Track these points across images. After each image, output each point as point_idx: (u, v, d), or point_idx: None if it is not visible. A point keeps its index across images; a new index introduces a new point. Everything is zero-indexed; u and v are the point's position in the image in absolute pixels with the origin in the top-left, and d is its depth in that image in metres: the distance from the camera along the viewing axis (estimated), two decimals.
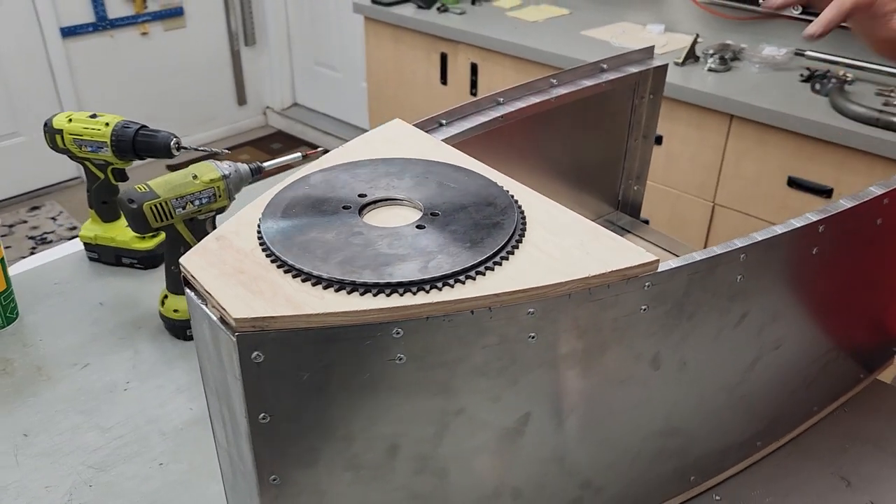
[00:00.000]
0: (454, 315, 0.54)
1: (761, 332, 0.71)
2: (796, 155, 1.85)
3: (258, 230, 0.61)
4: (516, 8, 2.75)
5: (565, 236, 0.61)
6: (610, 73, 1.05)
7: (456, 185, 0.67)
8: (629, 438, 0.69)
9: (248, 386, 0.54)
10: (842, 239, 0.71)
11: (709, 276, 0.62)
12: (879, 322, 0.88)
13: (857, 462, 0.82)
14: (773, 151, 1.89)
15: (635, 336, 0.62)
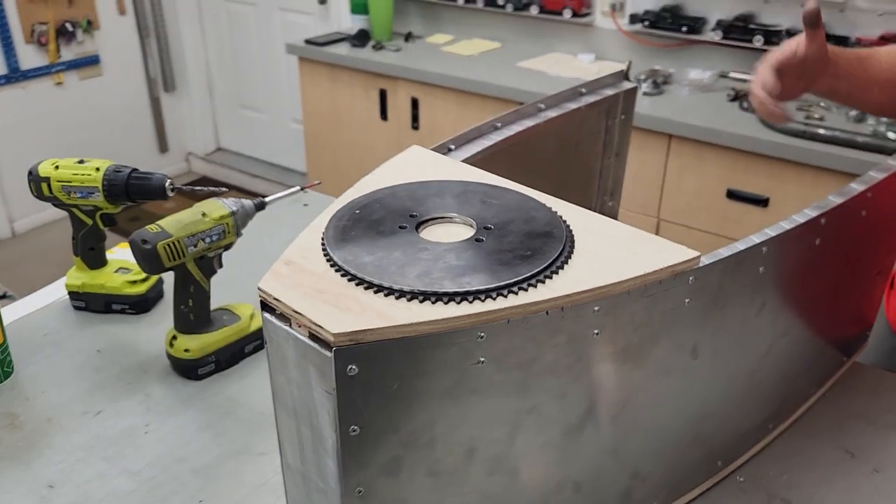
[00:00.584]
0: (531, 316, 0.58)
1: (775, 321, 0.78)
2: (733, 168, 1.98)
3: (325, 253, 0.64)
4: (449, 43, 2.84)
5: (612, 240, 0.66)
6: (588, 97, 1.12)
7: (497, 201, 0.72)
8: (671, 426, 0.74)
9: (342, 399, 0.56)
10: (837, 231, 0.79)
11: (738, 268, 0.69)
12: (858, 310, 0.97)
13: (854, 436, 0.90)
14: (710, 166, 2.02)
15: (679, 328, 0.67)
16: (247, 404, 0.96)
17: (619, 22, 2.57)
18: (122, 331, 1.11)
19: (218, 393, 0.98)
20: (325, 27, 3.37)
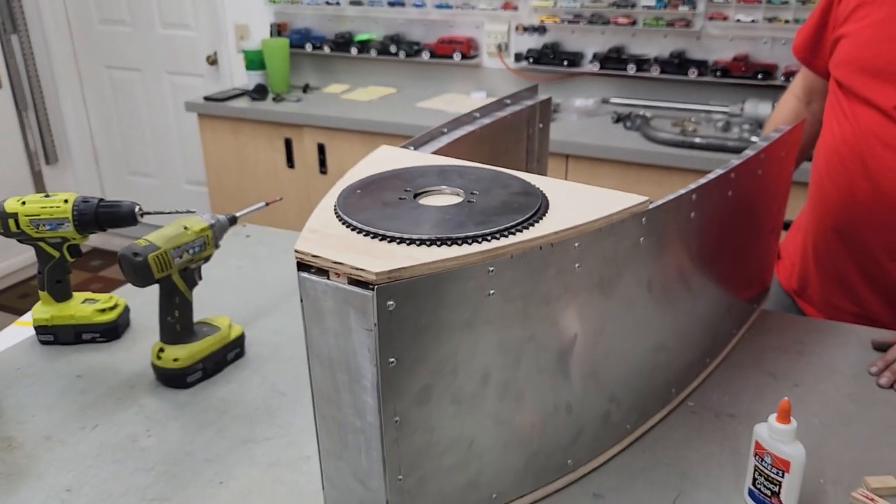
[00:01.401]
0: (528, 251, 0.71)
1: (704, 262, 0.94)
2: (625, 178, 2.21)
3: (343, 221, 0.74)
4: (347, 92, 2.98)
5: (578, 195, 0.80)
6: (513, 107, 1.28)
7: (474, 176, 0.84)
8: (636, 354, 0.87)
9: (382, 333, 0.66)
10: (742, 185, 0.96)
11: (676, 212, 0.84)
12: (760, 263, 1.15)
13: (774, 362, 1.07)
14: (606, 180, 2.24)
15: (637, 264, 0.82)
16: (241, 402, 1.02)
17: (505, 61, 2.80)
18: (97, 357, 1.14)
19: (210, 396, 1.04)
20: (217, 86, 3.43)
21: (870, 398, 0.99)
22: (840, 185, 1.20)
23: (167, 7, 3.56)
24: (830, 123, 1.23)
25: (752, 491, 0.80)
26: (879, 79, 1.11)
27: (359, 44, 3.02)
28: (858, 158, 1.15)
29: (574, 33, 2.70)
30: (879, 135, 1.11)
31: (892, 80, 1.09)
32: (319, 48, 3.10)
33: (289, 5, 3.16)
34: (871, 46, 1.13)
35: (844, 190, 1.19)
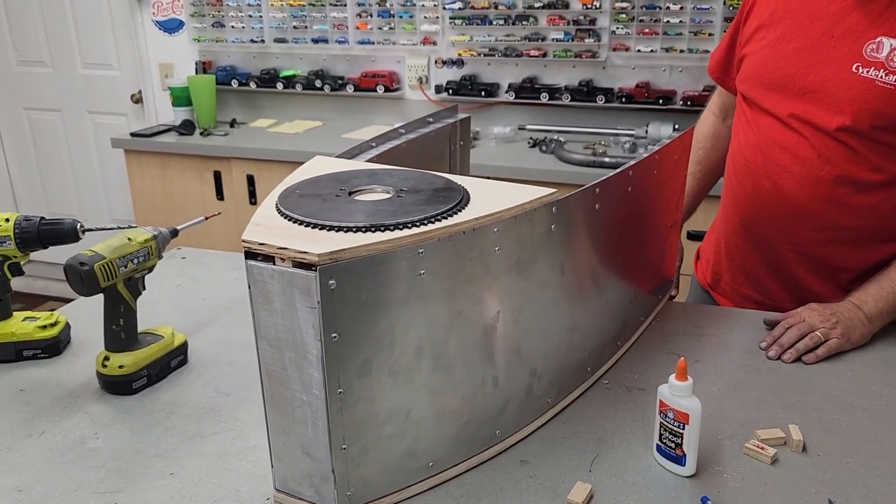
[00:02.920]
0: (454, 235, 0.80)
1: (611, 251, 1.05)
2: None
3: (285, 216, 0.81)
4: (274, 126, 3.05)
5: (496, 189, 0.90)
6: (435, 125, 1.38)
7: (402, 176, 0.94)
8: (553, 332, 0.97)
9: (325, 310, 0.74)
10: (642, 182, 1.08)
11: (582, 203, 0.95)
12: (662, 256, 1.28)
13: (678, 344, 1.19)
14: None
15: (550, 248, 0.92)
16: (187, 404, 1.07)
17: (426, 93, 2.93)
18: (40, 372, 1.17)
19: (156, 400, 1.08)
20: (141, 124, 3.44)
21: (760, 368, 1.12)
22: (746, 186, 1.33)
23: (88, 48, 3.57)
24: (737, 132, 1.37)
25: (659, 446, 0.91)
26: (776, 91, 1.25)
27: (284, 79, 3.10)
28: (761, 161, 1.29)
29: (490, 65, 2.86)
30: (778, 140, 1.25)
31: (785, 93, 1.23)
32: (245, 84, 3.16)
33: (213, 44, 3.22)
34: (767, 63, 1.27)
35: (750, 190, 1.32)
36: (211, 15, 3.19)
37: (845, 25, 1.18)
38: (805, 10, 1.23)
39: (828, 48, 1.19)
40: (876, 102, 1.14)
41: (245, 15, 3.13)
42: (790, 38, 1.24)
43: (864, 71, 1.15)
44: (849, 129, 1.17)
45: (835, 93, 1.18)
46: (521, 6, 2.74)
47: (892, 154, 1.17)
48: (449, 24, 2.86)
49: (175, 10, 3.27)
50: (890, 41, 1.13)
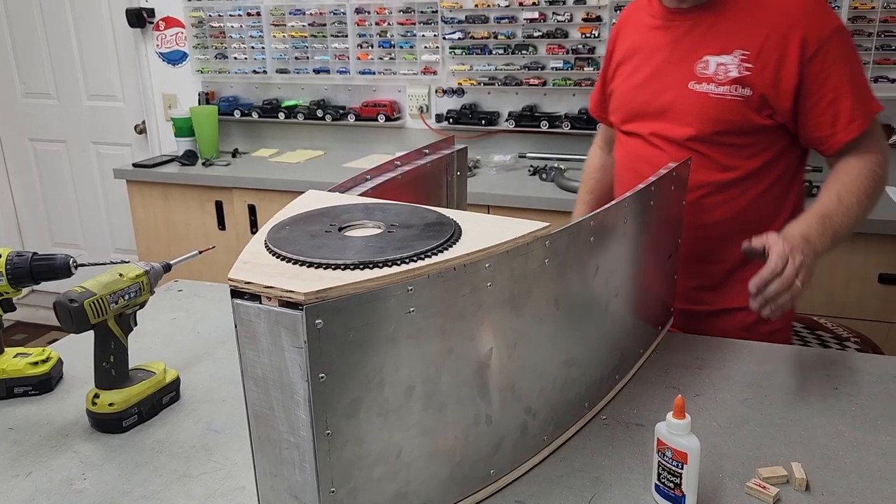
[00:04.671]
0: (444, 272, 0.79)
1: (607, 283, 1.03)
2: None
3: (273, 253, 0.80)
4: (276, 155, 3.06)
5: (488, 223, 0.89)
6: (431, 156, 1.38)
7: (394, 211, 0.92)
8: (548, 368, 0.95)
9: (312, 349, 0.72)
10: (638, 213, 1.07)
11: (577, 236, 0.94)
12: (661, 287, 1.26)
13: (677, 377, 1.17)
14: None
15: (544, 282, 0.90)
16: (176, 442, 1.05)
17: (427, 122, 2.94)
18: (30, 409, 1.15)
19: (145, 438, 1.06)
20: (144, 155, 3.46)
21: (762, 402, 1.10)
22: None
23: (93, 79, 3.60)
24: (617, 153, 1.55)
25: (657, 486, 0.88)
26: (638, 117, 1.43)
27: (286, 109, 3.11)
28: (630, 176, 1.42)
29: (490, 94, 2.87)
30: (642, 155, 1.42)
31: (645, 116, 1.41)
32: (248, 115, 3.18)
33: (216, 75, 3.25)
34: (627, 95, 1.45)
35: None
36: (214, 47, 3.21)
37: (679, 51, 1.36)
38: (649, 45, 1.42)
39: (669, 73, 1.37)
40: (713, 112, 1.31)
41: (248, 46, 3.16)
42: (641, 70, 1.42)
43: (698, 86, 1.33)
44: (696, 137, 1.33)
45: (680, 109, 1.35)
46: (520, 36, 2.76)
47: (739, 153, 1.33)
48: (449, 54, 2.87)
49: (178, 42, 3.30)
50: (714, 58, 1.31)
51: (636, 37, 1.46)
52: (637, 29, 1.46)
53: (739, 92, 1.29)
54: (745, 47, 1.29)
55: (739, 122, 1.30)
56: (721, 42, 1.31)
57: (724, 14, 1.33)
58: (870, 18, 2.37)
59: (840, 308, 2.14)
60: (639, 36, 1.45)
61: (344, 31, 3.00)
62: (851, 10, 2.38)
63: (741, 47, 1.29)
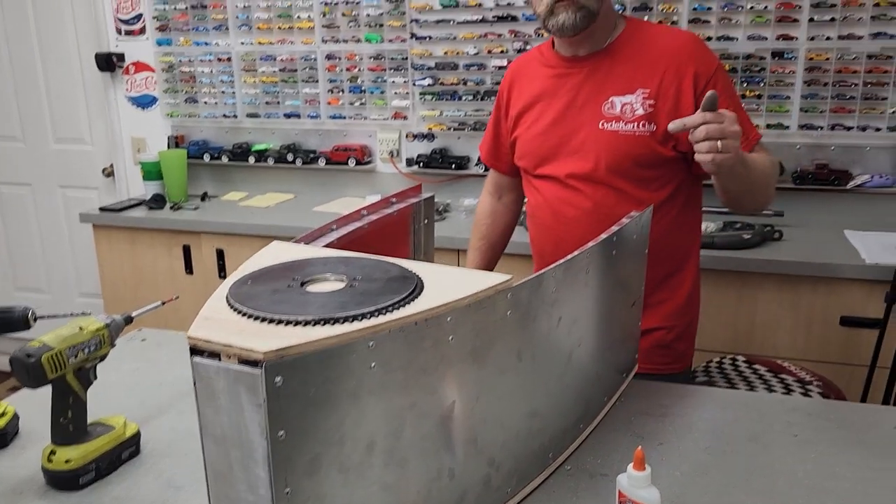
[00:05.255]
0: (405, 327, 0.79)
1: (570, 333, 1.04)
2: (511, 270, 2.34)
3: (234, 309, 0.80)
4: (245, 199, 3.05)
5: (450, 276, 0.90)
6: (398, 205, 1.39)
7: (357, 264, 0.93)
8: (512, 419, 0.95)
9: (271, 407, 0.72)
10: (598, 264, 1.09)
11: (539, 288, 0.95)
12: (625, 334, 1.27)
13: (641, 425, 1.17)
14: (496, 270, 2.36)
15: (506, 335, 0.91)
16: (135, 499, 1.03)
17: (398, 166, 2.96)
18: None
19: (103, 496, 1.04)
20: (112, 198, 3.43)
21: (724, 451, 1.11)
22: (545, 242, 1.58)
23: (61, 122, 3.58)
24: (529, 196, 1.62)
25: None
26: (550, 160, 1.51)
27: (256, 153, 3.12)
28: (551, 218, 1.54)
29: (460, 139, 2.90)
30: (561, 197, 1.51)
31: (558, 158, 1.50)
32: (217, 158, 3.18)
33: (186, 119, 3.25)
34: (535, 140, 1.54)
35: (548, 244, 1.56)
36: (184, 91, 3.22)
37: (584, 95, 1.47)
38: (550, 92, 1.52)
39: (577, 115, 1.47)
40: (625, 147, 1.42)
41: (218, 91, 3.17)
42: (545, 116, 1.52)
43: (608, 125, 1.43)
44: (612, 173, 1.44)
45: (593, 148, 1.45)
46: (489, 82, 2.81)
47: (649, 185, 1.44)
48: (419, 100, 2.91)
49: (148, 87, 3.31)
50: (619, 99, 1.43)
51: (534, 86, 1.55)
52: (533, 79, 1.56)
53: (646, 128, 1.41)
54: (644, 86, 1.42)
55: (649, 156, 1.43)
56: (622, 83, 1.43)
57: (619, 58, 1.46)
58: (825, 69, 2.46)
59: (803, 351, 2.18)
60: (537, 85, 1.54)
61: (315, 76, 3.04)
62: (807, 60, 2.46)
63: (641, 86, 1.42)
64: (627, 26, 1.50)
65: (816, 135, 2.51)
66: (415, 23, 2.87)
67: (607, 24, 1.47)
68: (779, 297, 2.19)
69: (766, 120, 2.54)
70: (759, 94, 2.53)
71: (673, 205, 1.48)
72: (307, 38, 3.00)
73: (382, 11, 2.88)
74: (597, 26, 1.44)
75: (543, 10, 1.43)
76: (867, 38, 2.40)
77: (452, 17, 2.81)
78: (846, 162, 2.51)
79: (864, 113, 2.45)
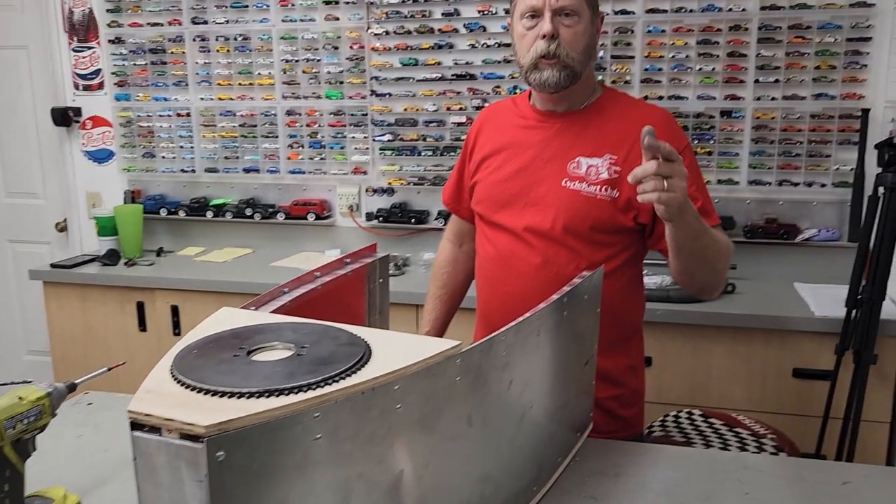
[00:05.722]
0: (351, 396, 0.78)
1: (521, 395, 1.04)
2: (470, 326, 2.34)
3: (178, 381, 0.79)
4: (202, 254, 3.02)
5: (399, 342, 0.90)
6: (352, 265, 1.39)
7: (305, 331, 0.92)
8: (462, 485, 0.94)
9: (212, 483, 0.70)
10: (550, 326, 1.09)
11: (491, 352, 0.95)
12: (579, 393, 1.27)
13: (595, 486, 1.17)
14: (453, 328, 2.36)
15: (456, 400, 0.91)
16: None
17: (357, 220, 2.97)
18: None
19: None
20: (65, 253, 3.37)
21: None
22: (493, 295, 1.56)
23: (13, 176, 3.52)
24: (480, 249, 1.61)
25: None
26: (507, 208, 1.51)
27: (214, 208, 3.10)
28: (501, 271, 1.52)
29: (420, 193, 2.93)
30: (514, 250, 1.50)
31: (515, 208, 1.49)
32: (174, 213, 3.15)
33: (143, 173, 3.23)
34: (496, 187, 1.53)
35: (497, 298, 1.54)
36: (142, 146, 3.20)
37: (551, 150, 1.48)
38: (518, 142, 1.53)
39: (541, 168, 1.47)
40: (584, 209, 1.42)
41: (176, 146, 3.16)
42: (510, 164, 1.52)
43: (571, 184, 1.44)
44: (568, 232, 1.43)
45: (553, 203, 1.45)
46: (448, 138, 2.85)
47: (604, 251, 1.44)
48: (379, 155, 2.93)
49: (105, 141, 3.28)
50: (586, 160, 1.44)
51: (503, 135, 1.57)
52: (503, 128, 1.58)
53: (609, 193, 1.42)
54: (613, 152, 1.43)
55: (607, 221, 1.43)
56: (592, 145, 1.45)
57: (592, 120, 1.48)
58: (771, 127, 2.55)
59: (759, 403, 2.20)
60: (506, 134, 1.56)
61: (275, 131, 3.05)
62: (755, 119, 2.55)
63: (610, 152, 1.43)
64: (605, 93, 1.53)
65: (765, 190, 2.58)
66: (375, 80, 2.91)
67: (587, 87, 1.50)
68: (733, 349, 2.22)
69: (717, 175, 2.61)
70: (709, 150, 2.61)
71: (623, 273, 1.48)
72: (267, 94, 3.02)
73: (343, 69, 2.93)
74: (577, 87, 1.46)
75: (528, 63, 1.44)
76: (810, 99, 2.50)
77: (412, 75, 2.86)
78: (794, 216, 2.59)
79: (809, 169, 2.54)
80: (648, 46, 2.61)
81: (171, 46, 3.09)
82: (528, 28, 1.43)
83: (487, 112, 1.67)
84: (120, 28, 3.14)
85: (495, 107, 1.67)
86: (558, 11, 1.40)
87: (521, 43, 1.45)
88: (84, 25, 3.22)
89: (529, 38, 1.43)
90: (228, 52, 3.03)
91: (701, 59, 2.57)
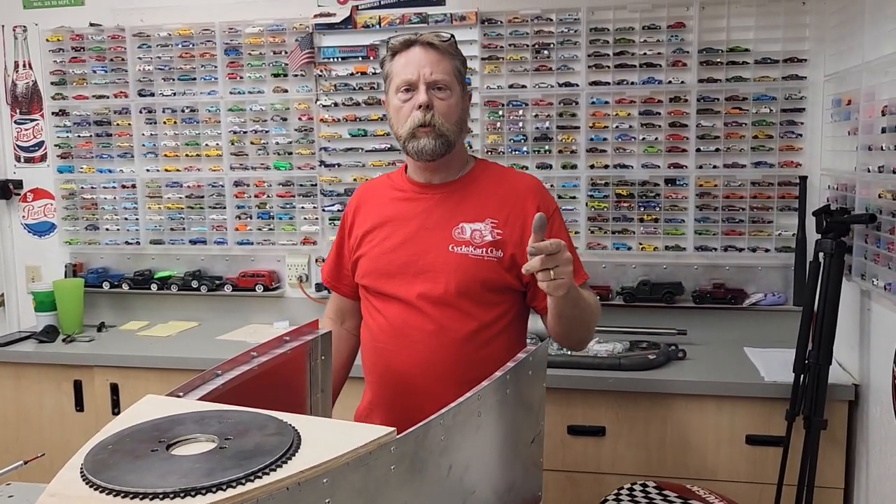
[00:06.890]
0: (275, 493, 0.74)
1: (462, 480, 1.00)
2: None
3: (87, 481, 0.73)
4: (145, 328, 2.93)
5: (329, 430, 0.85)
6: (292, 343, 1.34)
7: (233, 420, 0.87)
8: None
9: None
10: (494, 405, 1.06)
11: (426, 438, 0.91)
12: (526, 472, 1.24)
13: None
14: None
15: (391, 490, 0.86)
16: None
17: (307, 291, 2.92)
18: None
19: None
20: (2, 330, 3.23)
21: None
22: (387, 368, 1.59)
23: None
24: (370, 320, 1.63)
25: None
26: (396, 278, 1.56)
27: (159, 280, 3.02)
28: (393, 343, 1.56)
29: None
30: (406, 320, 1.54)
31: (405, 277, 1.55)
32: (118, 286, 3.06)
33: (86, 246, 3.14)
34: (382, 258, 1.59)
35: (388, 363, 1.58)
36: (84, 218, 3.13)
37: (434, 219, 1.57)
38: (400, 215, 1.60)
39: (427, 237, 1.55)
40: (472, 270, 1.51)
41: (121, 217, 3.09)
42: (394, 236, 1.59)
43: (457, 248, 1.53)
44: (461, 295, 1.50)
45: (442, 269, 1.52)
46: None
47: (494, 309, 1.53)
48: (329, 225, 2.91)
49: (47, 214, 3.20)
50: (469, 225, 1.54)
51: (384, 209, 1.64)
52: (382, 202, 1.65)
53: (494, 254, 1.53)
54: (493, 216, 1.55)
55: (496, 280, 1.53)
56: (473, 212, 1.56)
57: (470, 190, 1.59)
58: (714, 195, 2.60)
59: (712, 471, 2.18)
60: (387, 208, 1.63)
61: (222, 202, 3.01)
62: (698, 187, 2.61)
63: (491, 216, 1.55)
64: (477, 164, 1.66)
65: (712, 255, 2.62)
66: (324, 150, 2.91)
67: (460, 159, 1.62)
68: (686, 417, 2.20)
69: (665, 242, 2.64)
70: (655, 217, 2.65)
71: (511, 329, 1.57)
72: (215, 165, 2.99)
73: (291, 140, 2.92)
74: (452, 158, 1.58)
75: (406, 133, 1.53)
76: (750, 167, 2.57)
77: (360, 146, 2.87)
78: (741, 281, 2.62)
79: (752, 235, 2.58)
80: (593, 117, 2.66)
81: (116, 118, 3.06)
82: (404, 101, 1.54)
83: (363, 189, 1.75)
84: (64, 100, 3.10)
85: (371, 183, 1.77)
86: (432, 85, 1.52)
87: (398, 115, 1.55)
88: (27, 98, 3.17)
89: (406, 110, 1.53)
90: (175, 123, 3.01)
91: (644, 129, 2.63)
